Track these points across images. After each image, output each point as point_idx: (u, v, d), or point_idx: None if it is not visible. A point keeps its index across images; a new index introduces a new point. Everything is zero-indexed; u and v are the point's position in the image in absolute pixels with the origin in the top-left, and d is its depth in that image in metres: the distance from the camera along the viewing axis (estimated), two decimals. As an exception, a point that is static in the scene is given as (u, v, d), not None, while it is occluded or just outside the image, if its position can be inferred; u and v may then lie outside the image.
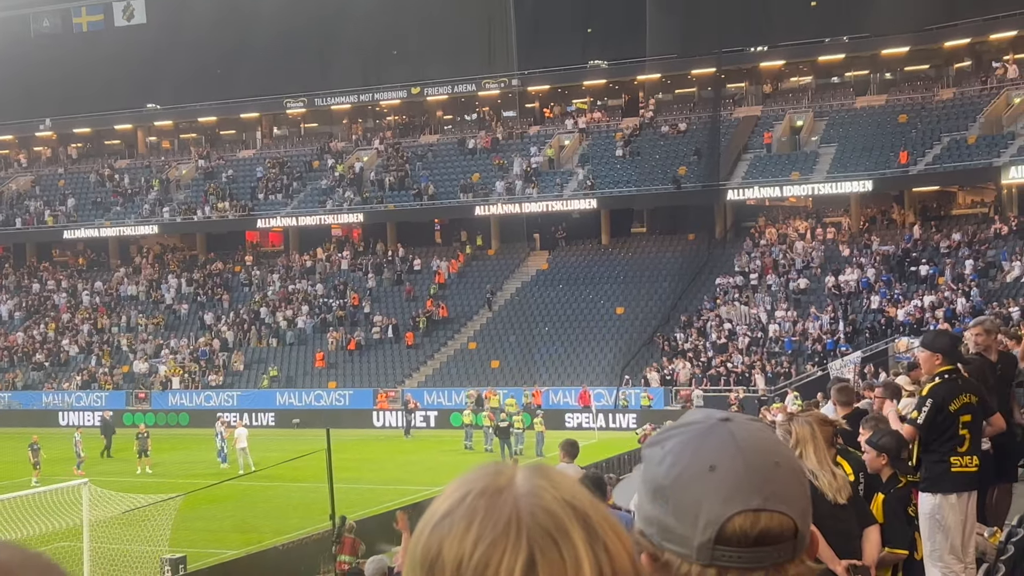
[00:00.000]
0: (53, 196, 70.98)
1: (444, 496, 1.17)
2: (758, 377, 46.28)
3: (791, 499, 1.48)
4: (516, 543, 1.09)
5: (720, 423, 1.52)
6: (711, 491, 1.45)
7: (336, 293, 60.40)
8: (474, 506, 1.12)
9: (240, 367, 56.54)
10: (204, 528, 27.49)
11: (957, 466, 7.77)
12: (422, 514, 1.20)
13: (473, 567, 1.09)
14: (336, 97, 69.36)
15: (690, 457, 1.48)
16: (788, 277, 52.98)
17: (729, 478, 1.46)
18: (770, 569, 1.46)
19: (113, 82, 69.42)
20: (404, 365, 54.74)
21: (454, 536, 1.11)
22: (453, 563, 1.10)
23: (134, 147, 75.47)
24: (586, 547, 1.11)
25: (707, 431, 1.51)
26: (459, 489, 1.16)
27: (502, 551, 1.09)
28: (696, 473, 1.46)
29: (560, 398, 48.60)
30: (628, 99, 66.77)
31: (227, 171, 69.28)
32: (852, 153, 55.81)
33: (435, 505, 1.17)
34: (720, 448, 1.49)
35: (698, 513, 1.45)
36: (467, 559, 1.09)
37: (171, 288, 64.20)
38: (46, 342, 61.65)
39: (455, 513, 1.13)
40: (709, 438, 1.50)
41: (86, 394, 56.55)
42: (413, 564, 1.13)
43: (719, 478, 1.46)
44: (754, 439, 1.51)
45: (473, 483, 1.16)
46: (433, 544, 1.12)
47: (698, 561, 1.45)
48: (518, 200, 60.06)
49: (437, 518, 1.14)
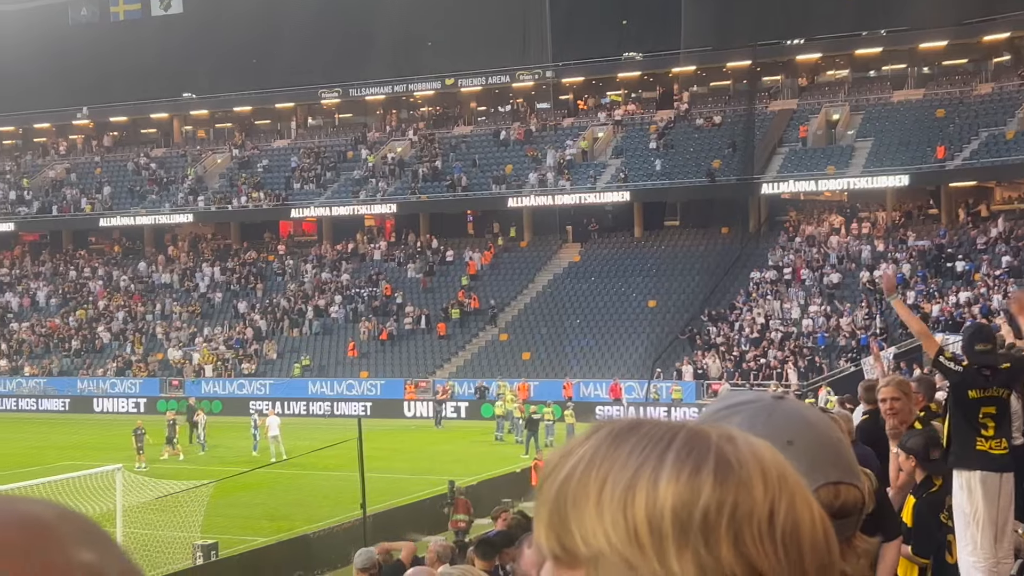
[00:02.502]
0: (89, 184, 71.55)
1: (662, 448, 1.06)
2: (791, 372, 46.06)
3: (857, 473, 1.53)
4: (803, 493, 1.08)
5: (777, 401, 1.54)
6: (793, 466, 1.46)
7: (369, 283, 60.58)
8: (753, 456, 1.07)
9: (273, 356, 56.84)
10: (236, 515, 27.66)
11: (983, 446, 7.72)
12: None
13: (783, 516, 1.05)
14: (370, 88, 69.51)
15: (765, 433, 1.46)
16: (822, 272, 52.68)
17: (808, 452, 1.48)
18: (842, 543, 1.46)
19: (149, 71, 69.84)
20: (436, 356, 54.85)
21: (753, 486, 1.05)
22: (764, 512, 1.04)
23: (170, 136, 75.96)
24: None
25: (770, 408, 1.52)
26: (704, 441, 1.07)
27: (796, 500, 1.06)
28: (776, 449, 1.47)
29: (591, 391, 48.54)
30: (662, 91, 66.54)
31: (262, 161, 69.60)
32: (889, 147, 55.38)
33: (692, 457, 1.06)
34: (791, 424, 1.50)
35: None
36: (778, 506, 1.05)
37: (205, 277, 64.60)
38: (81, 329, 62.20)
39: (743, 462, 1.06)
40: (776, 415, 1.50)
41: (120, 381, 57.03)
42: (698, 517, 1.03)
43: (799, 452, 1.46)
44: (816, 416, 1.54)
45: (700, 435, 1.08)
46: (729, 494, 1.03)
47: None
48: (551, 192, 60.00)
49: (717, 466, 1.05)
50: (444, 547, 11.92)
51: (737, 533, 1.04)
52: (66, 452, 39.28)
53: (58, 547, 0.81)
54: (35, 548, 0.80)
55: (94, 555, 0.83)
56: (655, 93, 66.99)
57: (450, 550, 12.21)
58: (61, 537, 0.82)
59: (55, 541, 0.81)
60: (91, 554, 0.82)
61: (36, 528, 0.82)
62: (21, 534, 0.81)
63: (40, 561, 0.80)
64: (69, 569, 0.80)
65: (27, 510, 0.83)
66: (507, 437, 41.19)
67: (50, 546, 0.81)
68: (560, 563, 1.08)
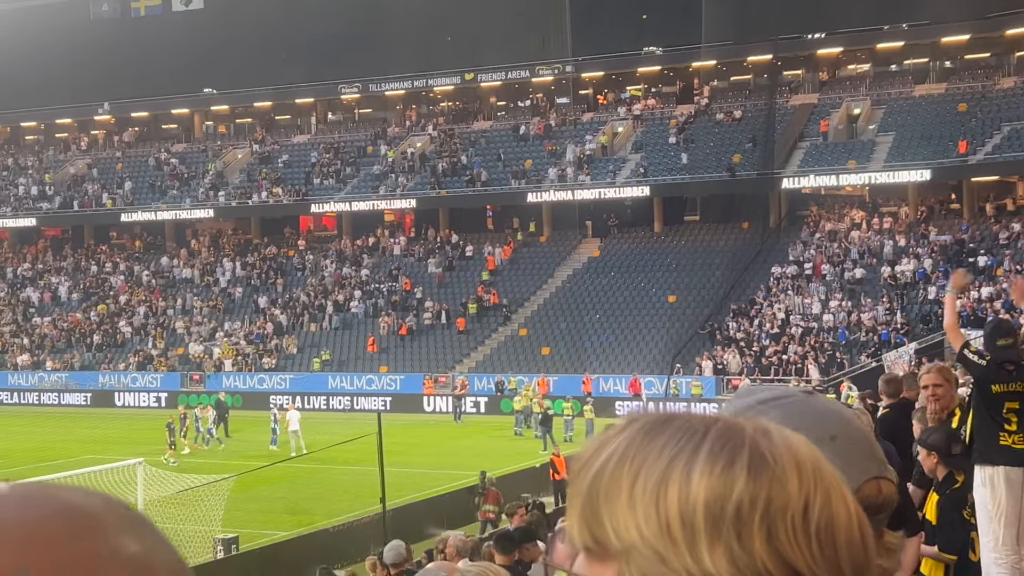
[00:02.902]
0: (111, 179, 71.88)
1: (697, 441, 1.06)
2: (811, 368, 45.91)
3: (889, 468, 1.52)
4: (838, 487, 1.07)
5: (810, 396, 1.53)
6: (837, 461, 1.44)
7: (388, 278, 60.66)
8: (785, 449, 1.06)
9: (293, 350, 56.99)
10: (256, 509, 27.75)
11: (1006, 441, 7.67)
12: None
13: (819, 510, 1.03)
14: (390, 83, 69.55)
15: (807, 428, 1.45)
16: (843, 267, 52.47)
17: (850, 447, 1.47)
18: (876, 537, 1.46)
19: (170, 67, 70.08)
20: (455, 351, 54.89)
21: (788, 480, 1.04)
22: (799, 506, 1.03)
23: (190, 131, 76.21)
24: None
25: (805, 402, 1.50)
26: (736, 435, 1.06)
27: (832, 494, 1.05)
28: (819, 444, 1.44)
29: (610, 386, 48.48)
30: (683, 86, 66.37)
31: (282, 156, 69.77)
32: (910, 142, 55.11)
33: (688, 450, 1.05)
34: (829, 419, 1.49)
35: None
36: (813, 500, 1.04)
37: (226, 272, 64.82)
38: (103, 323, 62.50)
39: (777, 456, 1.05)
40: (812, 410, 1.49)
41: (141, 375, 57.29)
42: (731, 509, 1.02)
43: (841, 448, 1.45)
44: (847, 411, 1.54)
45: (732, 424, 1.08)
46: (763, 488, 1.02)
47: None
48: (570, 187, 59.94)
49: (751, 460, 1.04)
50: (464, 541, 11.92)
51: (771, 528, 1.03)
52: (88, 446, 39.51)
53: (104, 537, 0.81)
54: (81, 538, 0.80)
55: (140, 545, 0.82)
56: (675, 88, 66.83)
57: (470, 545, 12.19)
58: (107, 527, 0.81)
59: (101, 531, 0.81)
60: (137, 544, 0.82)
61: (82, 518, 0.81)
62: (67, 524, 0.80)
63: (86, 551, 0.79)
64: (115, 559, 0.80)
65: (72, 499, 0.83)
66: (526, 432, 41.18)
67: (96, 536, 0.80)
68: (592, 556, 1.07)
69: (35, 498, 0.82)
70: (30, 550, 0.78)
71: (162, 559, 0.83)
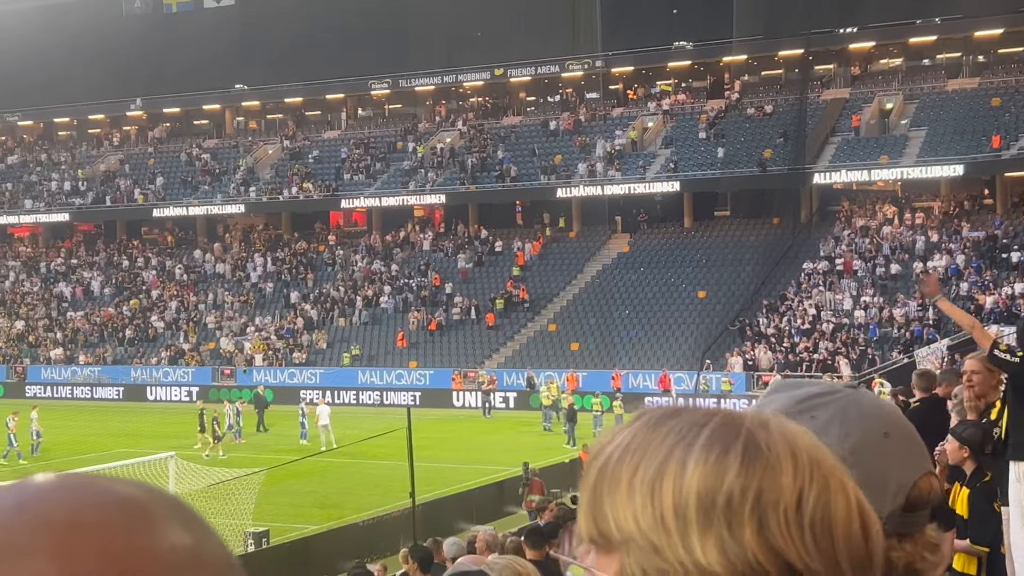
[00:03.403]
0: (142, 175, 72.34)
1: (694, 433, 1.05)
2: (842, 364, 45.65)
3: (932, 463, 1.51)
4: (840, 480, 1.05)
5: (855, 391, 1.51)
6: (894, 457, 1.44)
7: (418, 273, 60.77)
8: (784, 441, 1.05)
9: (323, 345, 57.19)
10: (286, 503, 27.89)
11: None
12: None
13: (813, 502, 1.02)
14: (420, 78, 69.65)
15: (860, 424, 1.44)
16: (875, 263, 52.15)
17: (904, 443, 1.46)
18: (915, 533, 1.46)
19: (202, 63, 70.43)
20: (484, 346, 54.93)
21: (782, 471, 1.02)
22: (792, 497, 1.02)
23: (222, 127, 76.58)
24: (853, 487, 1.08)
25: (854, 398, 1.48)
26: (727, 423, 1.06)
27: (831, 487, 1.04)
28: (874, 441, 1.44)
29: (640, 382, 48.40)
30: (713, 81, 66.10)
31: (312, 152, 70.00)
32: (943, 137, 54.69)
33: (687, 441, 1.05)
34: (880, 415, 1.47)
35: (887, 480, 1.42)
36: (807, 492, 1.02)
37: (256, 267, 65.12)
38: (135, 318, 62.94)
39: (773, 446, 1.04)
40: (862, 405, 1.47)
41: (173, 370, 57.65)
42: (722, 500, 1.02)
43: (895, 444, 1.44)
44: (893, 406, 1.54)
45: (732, 416, 1.07)
46: (754, 478, 1.02)
47: (885, 530, 1.38)
48: (600, 182, 59.83)
49: (744, 451, 1.03)
50: (493, 536, 11.95)
51: (762, 519, 1.02)
52: (120, 440, 39.86)
53: (158, 529, 0.81)
54: (138, 530, 0.80)
55: (191, 537, 0.83)
56: (705, 82, 66.56)
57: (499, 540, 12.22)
58: (160, 519, 0.82)
59: (155, 523, 0.81)
60: (188, 536, 0.82)
61: (137, 511, 0.82)
62: (124, 517, 0.81)
63: (143, 544, 0.80)
64: (170, 551, 0.80)
65: (127, 492, 0.83)
66: (556, 428, 41.19)
67: (151, 528, 0.81)
68: (599, 548, 1.07)
69: (90, 489, 0.82)
70: (85, 542, 0.79)
71: (212, 550, 0.84)
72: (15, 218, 72.80)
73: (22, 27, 73.12)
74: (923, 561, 1.46)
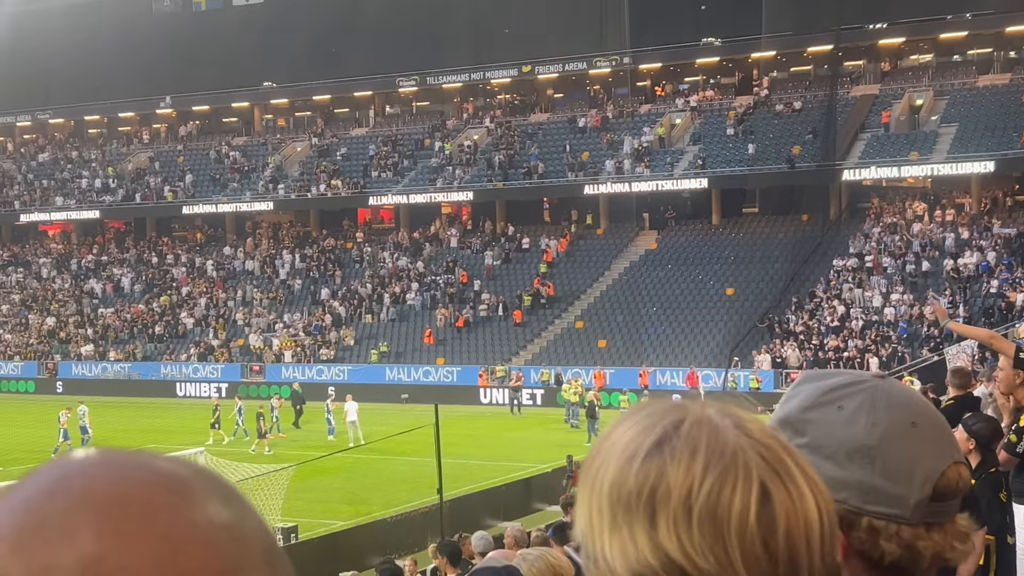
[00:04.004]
0: (172, 172, 72.75)
1: (639, 428, 1.06)
2: (872, 361, 45.38)
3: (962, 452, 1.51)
4: (747, 473, 1.01)
5: (883, 380, 1.50)
6: (921, 447, 1.44)
7: (445, 270, 60.84)
8: (694, 435, 1.04)
9: (351, 342, 57.36)
10: (315, 499, 27.99)
11: None
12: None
13: (704, 495, 1.00)
14: (448, 75, 69.70)
15: (887, 414, 1.44)
16: (904, 260, 51.81)
17: (931, 433, 1.46)
18: (945, 523, 1.46)
19: (230, 61, 70.77)
20: (511, 343, 54.93)
21: (679, 463, 1.01)
22: (682, 491, 1.00)
23: (250, 125, 76.90)
24: (805, 481, 1.03)
25: (882, 388, 1.48)
26: (661, 419, 1.06)
27: (734, 480, 1.01)
28: (902, 430, 1.44)
29: (667, 379, 48.29)
30: (741, 77, 65.83)
31: (340, 149, 70.19)
32: (973, 133, 54.27)
33: (632, 436, 1.06)
34: (908, 404, 1.47)
35: (914, 470, 1.42)
36: (697, 487, 1.00)
37: (285, 264, 65.37)
38: (164, 314, 63.31)
39: (673, 441, 1.03)
40: (890, 395, 1.47)
41: (202, 366, 57.95)
42: (622, 495, 1.02)
43: (923, 434, 1.44)
44: (921, 396, 1.52)
45: (677, 413, 1.07)
46: (652, 471, 1.02)
47: (912, 519, 1.42)
48: (628, 179, 59.71)
49: (649, 446, 1.04)
50: (521, 532, 11.95)
51: (653, 515, 1.01)
52: (150, 436, 40.12)
53: (200, 505, 0.81)
54: (180, 507, 0.81)
55: (231, 513, 0.82)
56: (734, 79, 66.29)
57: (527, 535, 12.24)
58: (201, 495, 0.82)
59: (197, 499, 0.81)
60: (229, 512, 0.82)
61: (179, 487, 0.82)
62: (168, 493, 0.81)
63: (186, 519, 0.80)
64: (211, 527, 0.80)
65: (168, 468, 0.83)
66: (583, 424, 41.15)
67: (194, 504, 0.81)
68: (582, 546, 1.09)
69: (132, 465, 0.82)
70: (130, 519, 0.78)
71: (253, 527, 0.83)
72: (46, 215, 73.36)
73: (52, 26, 73.69)
74: (952, 551, 1.45)
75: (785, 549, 1.01)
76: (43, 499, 0.80)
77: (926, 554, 1.43)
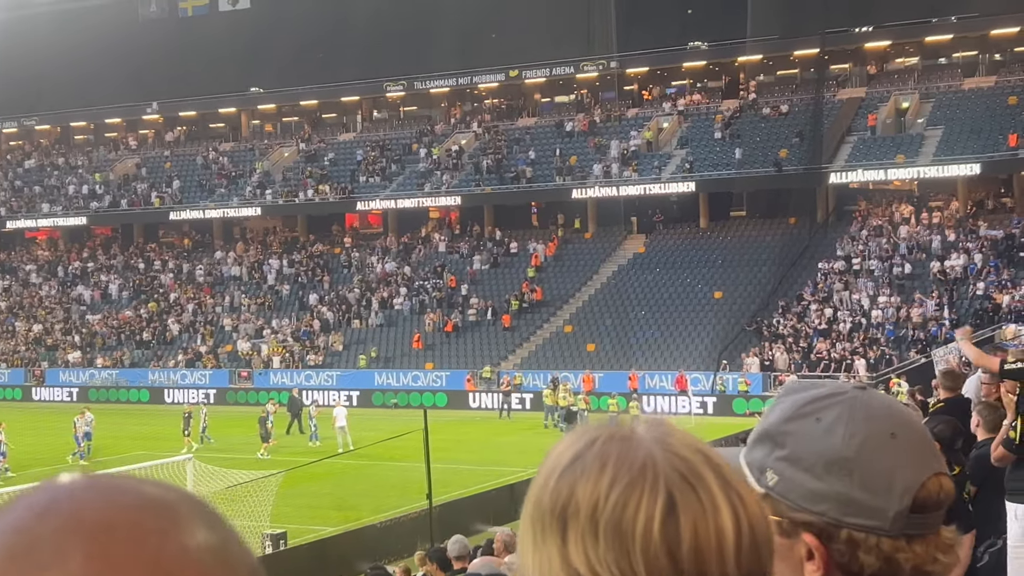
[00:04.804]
0: (159, 178, 72.60)
1: (566, 445, 1.10)
2: (859, 363, 45.51)
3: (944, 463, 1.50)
4: (654, 485, 1.03)
5: (863, 391, 1.50)
6: (900, 458, 1.43)
7: (433, 275, 60.82)
8: (605, 450, 1.06)
9: (339, 347, 57.29)
10: (304, 505, 27.93)
11: None
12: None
13: (610, 508, 1.02)
14: (435, 80, 69.72)
15: (866, 425, 1.44)
16: (891, 262, 51.98)
17: (911, 444, 1.44)
18: (930, 534, 1.45)
19: (218, 66, 70.67)
20: (500, 347, 54.94)
21: (587, 478, 1.04)
22: (588, 505, 1.02)
23: (238, 130, 76.81)
24: (722, 492, 1.04)
25: (861, 399, 1.48)
26: (583, 437, 1.09)
27: (640, 493, 1.02)
28: (880, 441, 1.43)
29: (656, 382, 48.36)
30: (728, 81, 66.01)
31: (328, 154, 70.14)
32: (959, 136, 54.48)
33: (558, 454, 1.09)
34: (888, 415, 1.47)
35: (892, 481, 1.41)
36: (603, 501, 1.02)
37: (273, 269, 65.28)
38: (152, 321, 63.15)
39: (585, 457, 1.06)
40: (870, 406, 1.47)
41: (190, 372, 57.82)
42: (540, 513, 1.05)
43: (903, 445, 1.43)
44: (904, 407, 1.51)
45: (598, 431, 1.09)
46: (564, 488, 1.04)
47: (891, 531, 1.42)
48: (615, 183, 59.79)
49: (565, 463, 1.07)
50: (511, 537, 11.95)
51: (564, 531, 1.02)
52: (138, 442, 39.99)
53: (188, 530, 0.82)
54: (168, 532, 0.81)
55: (217, 537, 0.84)
56: (721, 82, 66.46)
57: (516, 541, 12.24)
58: (188, 519, 0.83)
59: (184, 524, 0.82)
60: (215, 536, 0.83)
61: (167, 511, 0.82)
62: (156, 518, 0.82)
63: (175, 545, 0.81)
64: (200, 551, 0.81)
65: (155, 493, 0.84)
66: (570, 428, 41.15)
67: (182, 529, 0.82)
68: None
69: (118, 490, 0.83)
70: (119, 544, 0.79)
71: (237, 550, 0.85)
72: (33, 222, 73.19)
73: (39, 32, 73.52)
74: (935, 563, 1.45)
75: (692, 561, 1.01)
76: (34, 521, 0.81)
77: (906, 566, 1.43)
